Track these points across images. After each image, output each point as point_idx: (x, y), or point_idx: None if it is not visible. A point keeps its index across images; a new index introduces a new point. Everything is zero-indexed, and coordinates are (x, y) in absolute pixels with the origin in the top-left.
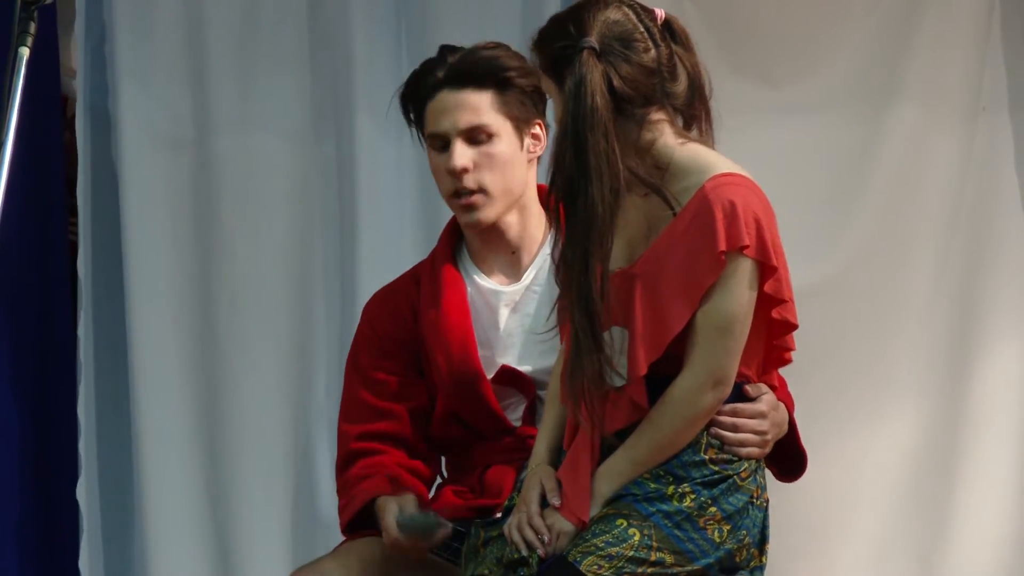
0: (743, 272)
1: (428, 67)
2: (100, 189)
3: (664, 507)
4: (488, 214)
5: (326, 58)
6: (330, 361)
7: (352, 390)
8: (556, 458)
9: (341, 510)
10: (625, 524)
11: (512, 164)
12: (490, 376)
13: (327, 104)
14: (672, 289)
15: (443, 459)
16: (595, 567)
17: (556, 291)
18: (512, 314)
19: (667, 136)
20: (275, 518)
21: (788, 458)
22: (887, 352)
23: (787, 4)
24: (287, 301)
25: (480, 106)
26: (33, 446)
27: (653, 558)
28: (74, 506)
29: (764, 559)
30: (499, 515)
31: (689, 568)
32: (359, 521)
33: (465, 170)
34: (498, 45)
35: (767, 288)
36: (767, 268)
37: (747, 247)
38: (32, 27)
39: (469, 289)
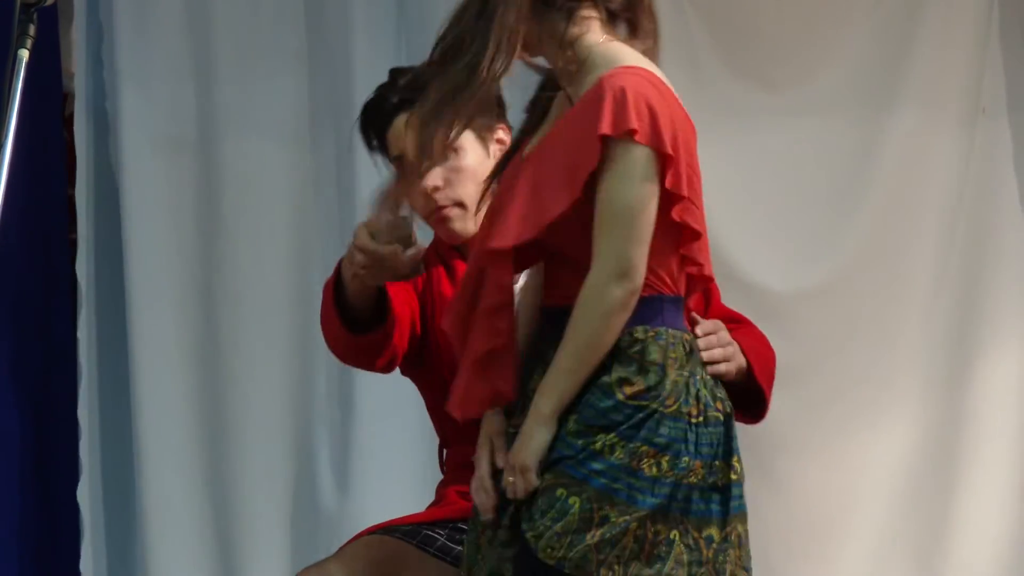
0: (635, 159)
1: (381, 94)
2: (100, 190)
3: (596, 465)
4: (468, 226)
5: (326, 60)
6: (330, 362)
7: None
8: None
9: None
10: (565, 493)
11: (481, 174)
12: None
13: (327, 106)
14: (554, 173)
15: (444, 452)
16: (549, 550)
17: None
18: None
19: (593, 33)
20: (276, 519)
21: (748, 397)
22: (887, 354)
23: (787, 8)
24: (288, 302)
25: None
26: (34, 447)
27: (596, 518)
28: (75, 507)
29: (734, 474)
30: None
31: (637, 513)
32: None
33: (436, 188)
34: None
35: (666, 182)
36: (664, 158)
37: (635, 132)
38: (32, 29)
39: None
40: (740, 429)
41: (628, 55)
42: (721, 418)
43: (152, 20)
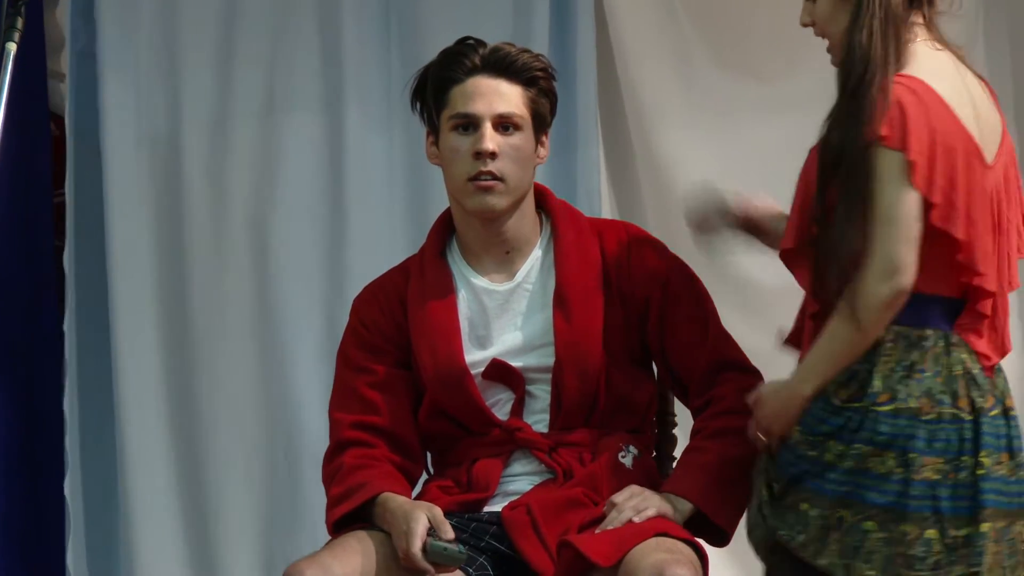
0: (885, 163)
1: (461, 51)
2: (85, 188)
3: (832, 475)
4: (501, 202)
5: (315, 52)
6: (316, 357)
7: (343, 379)
8: None
9: (335, 498)
10: (808, 507)
11: (528, 161)
12: (480, 371)
13: (315, 97)
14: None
15: (429, 454)
16: (827, 559)
17: (549, 289)
18: (503, 311)
19: (921, 42)
20: (257, 514)
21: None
22: None
23: (775, 3)
24: (273, 298)
25: (512, 97)
26: (20, 443)
27: (833, 521)
28: (61, 501)
29: (980, 470)
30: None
31: (870, 511)
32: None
33: (493, 154)
34: (524, 48)
35: (914, 183)
36: (910, 163)
37: (885, 138)
38: (19, 23)
39: (459, 284)
40: None
41: (911, 63)
42: (966, 416)
43: (137, 19)
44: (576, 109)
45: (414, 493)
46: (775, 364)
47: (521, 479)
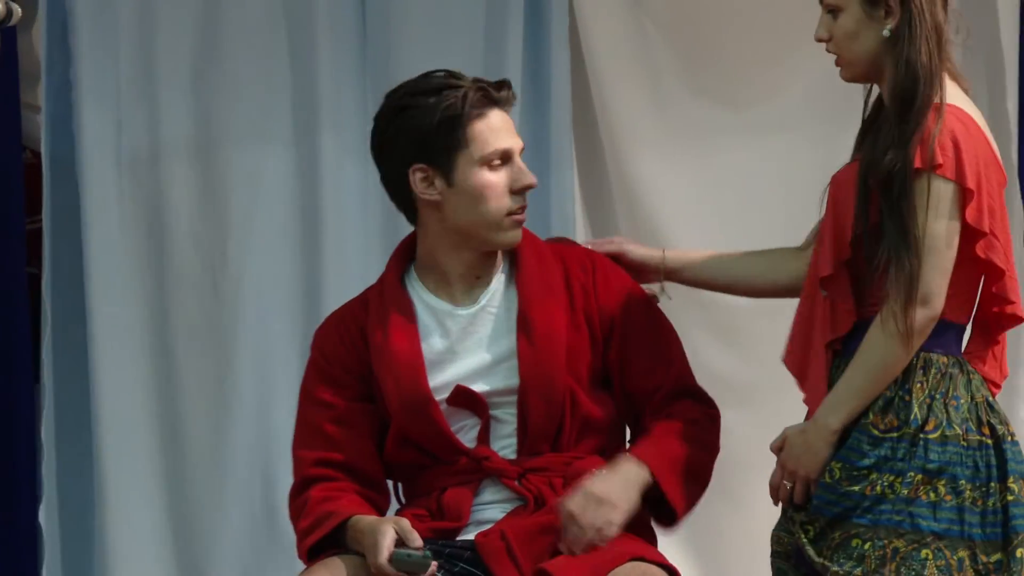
0: (934, 192)
1: (487, 86)
2: (61, 215)
3: (884, 506)
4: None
5: (290, 78)
6: (292, 384)
7: (305, 416)
8: None
9: (305, 530)
10: (859, 542)
11: None
12: (444, 396)
13: (291, 125)
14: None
15: (399, 485)
16: None
17: (512, 313)
18: (467, 334)
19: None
20: (236, 543)
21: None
22: None
23: (749, 28)
24: (252, 326)
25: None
26: None
27: (888, 553)
28: (35, 530)
29: (1010, 495)
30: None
31: (922, 539)
32: (323, 542)
33: (533, 188)
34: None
35: (967, 214)
36: (965, 192)
37: (939, 166)
38: None
39: (419, 310)
40: None
41: (947, 88)
42: (989, 442)
43: (115, 42)
44: (550, 134)
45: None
46: (744, 383)
47: (492, 507)
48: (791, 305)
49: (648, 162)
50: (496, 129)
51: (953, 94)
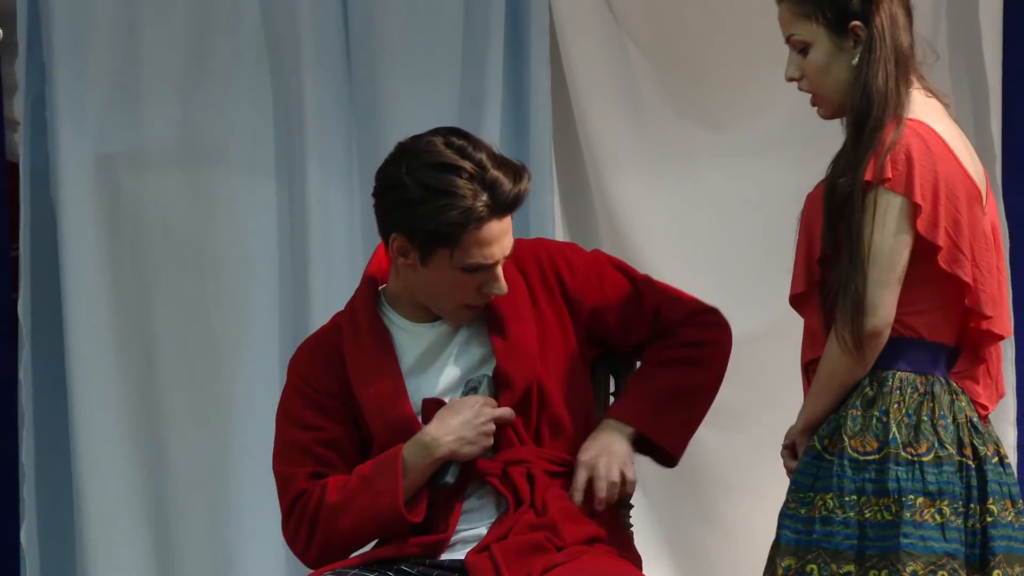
0: (885, 205)
1: (468, 195)
2: (39, 239)
3: (892, 532)
4: None
5: (270, 105)
6: (272, 403)
7: (292, 438)
8: None
9: (328, 534)
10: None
11: None
12: (416, 410)
13: (276, 150)
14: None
15: None
16: None
17: (482, 321)
18: (441, 347)
19: (915, 89)
20: (219, 559)
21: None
22: None
23: (728, 51)
24: (234, 353)
25: (511, 228)
26: None
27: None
28: (17, 550)
29: (989, 517)
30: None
31: (938, 560)
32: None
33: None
34: (518, 170)
35: (918, 227)
36: (915, 206)
37: (887, 180)
38: None
39: (393, 331)
40: (685, 471)
41: (913, 106)
42: (971, 463)
43: (92, 58)
44: (531, 154)
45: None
46: (727, 407)
47: (479, 525)
48: (773, 332)
49: (629, 182)
50: (487, 242)
51: (923, 111)
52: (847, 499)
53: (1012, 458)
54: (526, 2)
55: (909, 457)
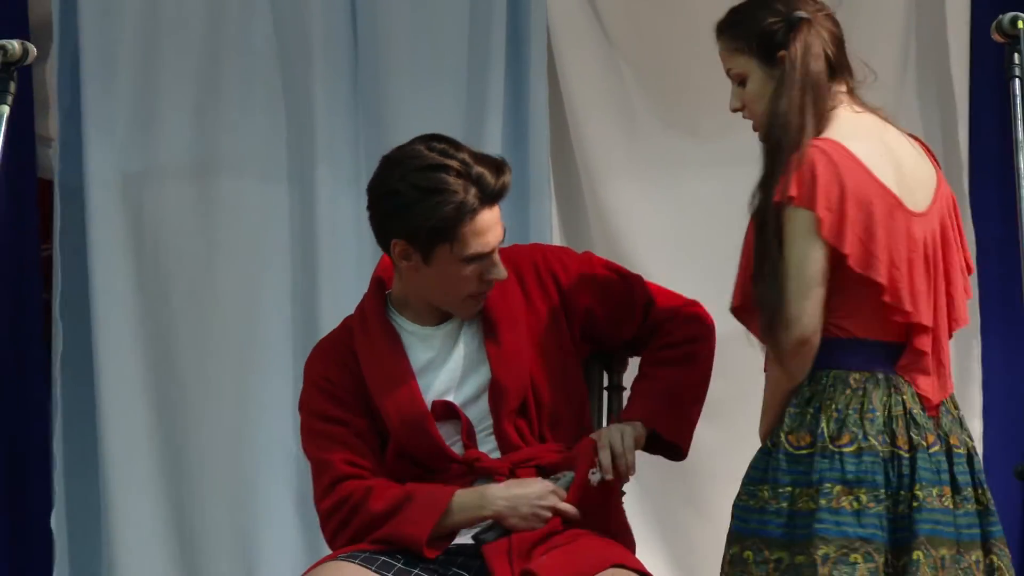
0: (794, 221)
1: (459, 189)
2: (69, 242)
3: (811, 519)
4: None
5: (286, 112)
6: (286, 398)
7: (322, 430)
8: None
9: (383, 514)
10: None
11: None
12: (431, 409)
13: (287, 156)
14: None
15: None
16: None
17: (477, 324)
18: (445, 350)
19: (843, 107)
20: (238, 546)
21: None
22: None
23: (716, 68)
24: (248, 341)
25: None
26: (9, 478)
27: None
28: (48, 535)
29: (915, 503)
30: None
31: (857, 546)
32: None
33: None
34: (498, 164)
35: (825, 236)
36: (818, 219)
37: (793, 198)
38: (12, 87)
39: (402, 335)
40: (673, 462)
41: (832, 127)
42: (904, 454)
43: (118, 74)
44: (529, 165)
45: None
46: (711, 399)
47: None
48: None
49: (621, 190)
50: (482, 231)
51: (842, 129)
52: (781, 491)
53: (981, 450)
54: (526, 22)
55: (834, 449)
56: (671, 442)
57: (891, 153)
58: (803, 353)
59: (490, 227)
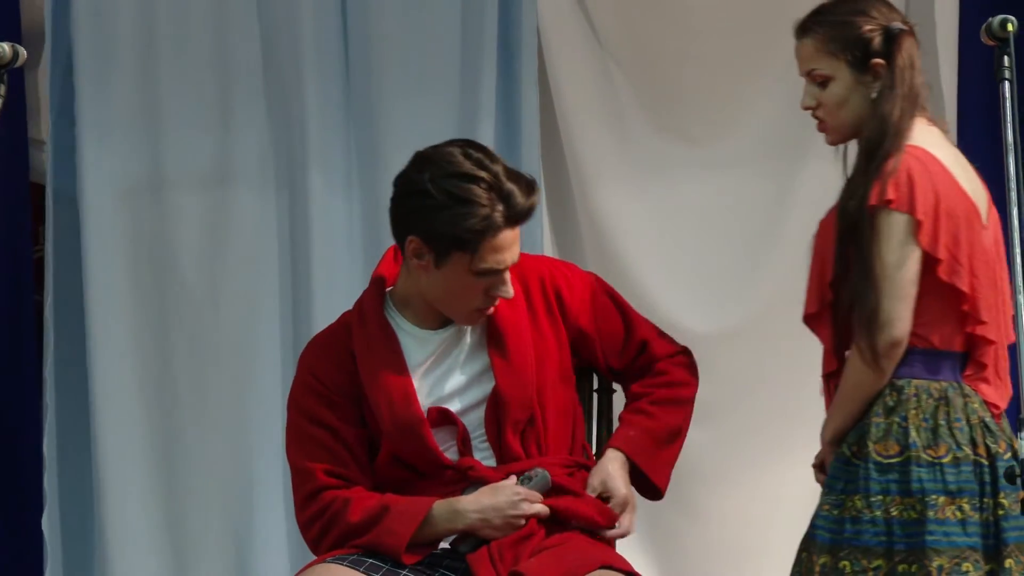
0: (892, 225)
1: (506, 207)
2: (63, 244)
3: (918, 529)
4: None
5: (279, 118)
6: (279, 400)
7: (307, 432)
8: None
9: (360, 526)
10: (906, 567)
11: None
12: (427, 416)
13: (280, 162)
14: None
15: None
16: None
17: (482, 331)
18: (445, 355)
19: (919, 118)
20: (230, 547)
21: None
22: (800, 391)
23: (708, 69)
24: (240, 344)
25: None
26: (0, 481)
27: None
28: (39, 535)
29: (1000, 510)
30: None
31: (962, 553)
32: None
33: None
34: (530, 185)
35: (921, 241)
36: (917, 222)
37: (891, 201)
38: (2, 89)
39: (401, 336)
40: None
41: (916, 135)
42: (984, 461)
43: (114, 81)
44: (521, 168)
45: None
46: (701, 401)
47: None
48: (745, 332)
49: (612, 194)
50: (501, 249)
51: (923, 137)
52: (874, 499)
53: None
54: (517, 27)
55: (929, 459)
56: (653, 482)
57: (963, 165)
58: (892, 356)
59: (509, 246)
